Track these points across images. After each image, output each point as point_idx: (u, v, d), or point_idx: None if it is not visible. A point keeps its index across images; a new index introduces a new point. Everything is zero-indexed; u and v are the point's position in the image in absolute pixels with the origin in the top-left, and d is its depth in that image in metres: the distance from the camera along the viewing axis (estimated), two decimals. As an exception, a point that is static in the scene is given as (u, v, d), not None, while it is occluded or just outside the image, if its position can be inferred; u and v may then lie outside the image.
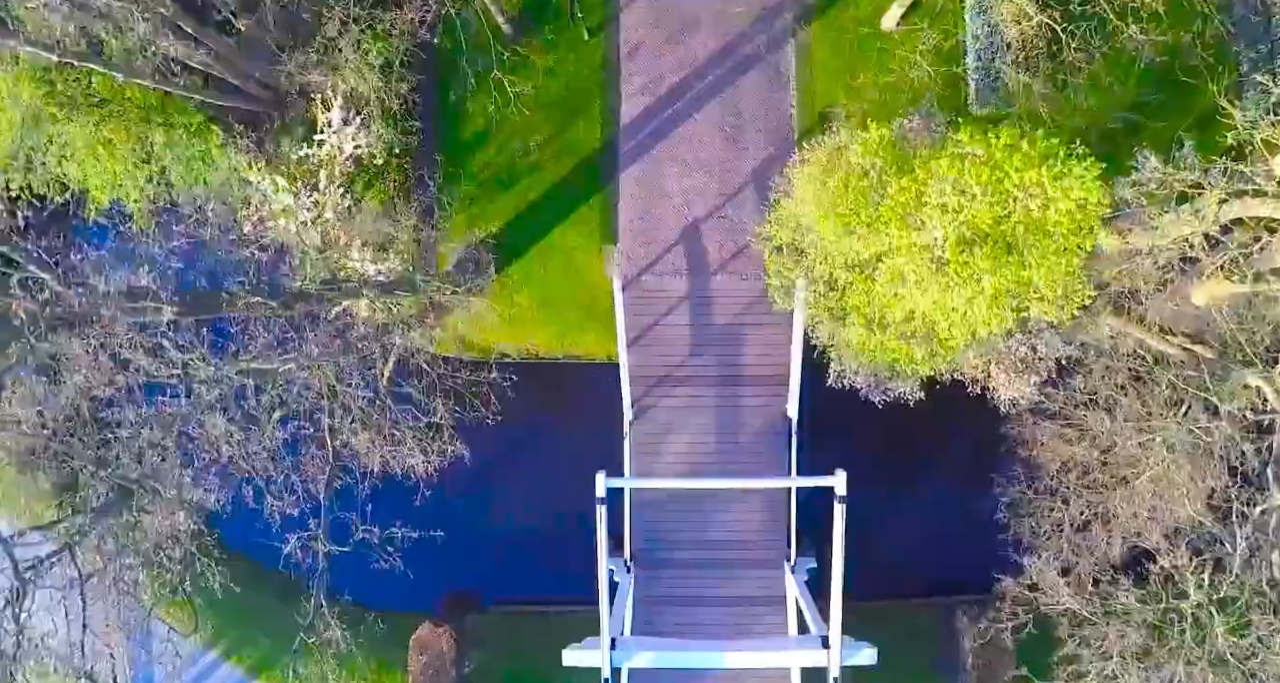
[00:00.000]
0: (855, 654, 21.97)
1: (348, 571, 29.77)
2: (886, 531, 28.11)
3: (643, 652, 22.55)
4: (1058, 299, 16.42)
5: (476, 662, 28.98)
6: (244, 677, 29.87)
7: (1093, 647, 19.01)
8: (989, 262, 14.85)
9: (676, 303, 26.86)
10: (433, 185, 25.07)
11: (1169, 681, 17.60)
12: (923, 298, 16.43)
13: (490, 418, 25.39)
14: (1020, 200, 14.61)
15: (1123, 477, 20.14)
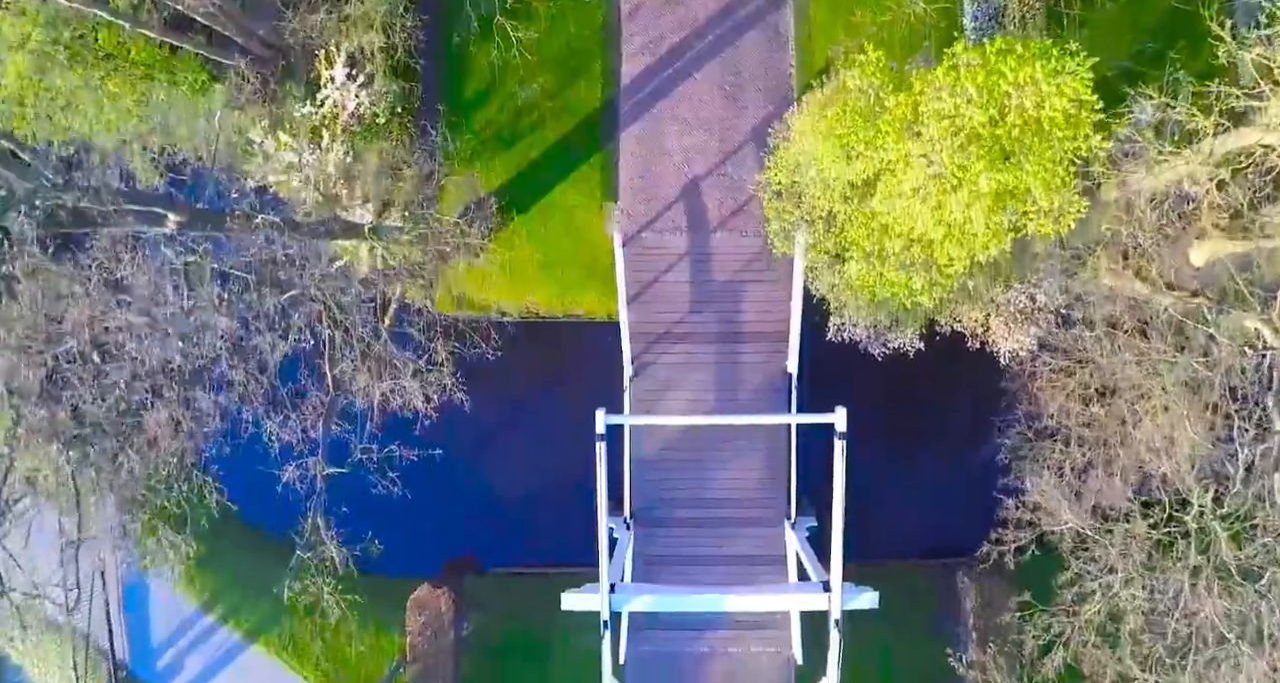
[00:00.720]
0: (856, 598, 21.82)
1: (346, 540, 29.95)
2: (886, 490, 28.06)
3: (642, 596, 22.42)
4: (1053, 211, 16.51)
5: (475, 624, 28.83)
6: (242, 641, 29.67)
7: (1098, 562, 18.84)
8: (985, 161, 14.96)
9: (676, 260, 26.97)
10: (435, 134, 25.21)
11: (1174, 595, 17.49)
12: (921, 208, 16.52)
13: (490, 353, 25.38)
14: (1015, 99, 14.75)
15: (1122, 416, 20.11)
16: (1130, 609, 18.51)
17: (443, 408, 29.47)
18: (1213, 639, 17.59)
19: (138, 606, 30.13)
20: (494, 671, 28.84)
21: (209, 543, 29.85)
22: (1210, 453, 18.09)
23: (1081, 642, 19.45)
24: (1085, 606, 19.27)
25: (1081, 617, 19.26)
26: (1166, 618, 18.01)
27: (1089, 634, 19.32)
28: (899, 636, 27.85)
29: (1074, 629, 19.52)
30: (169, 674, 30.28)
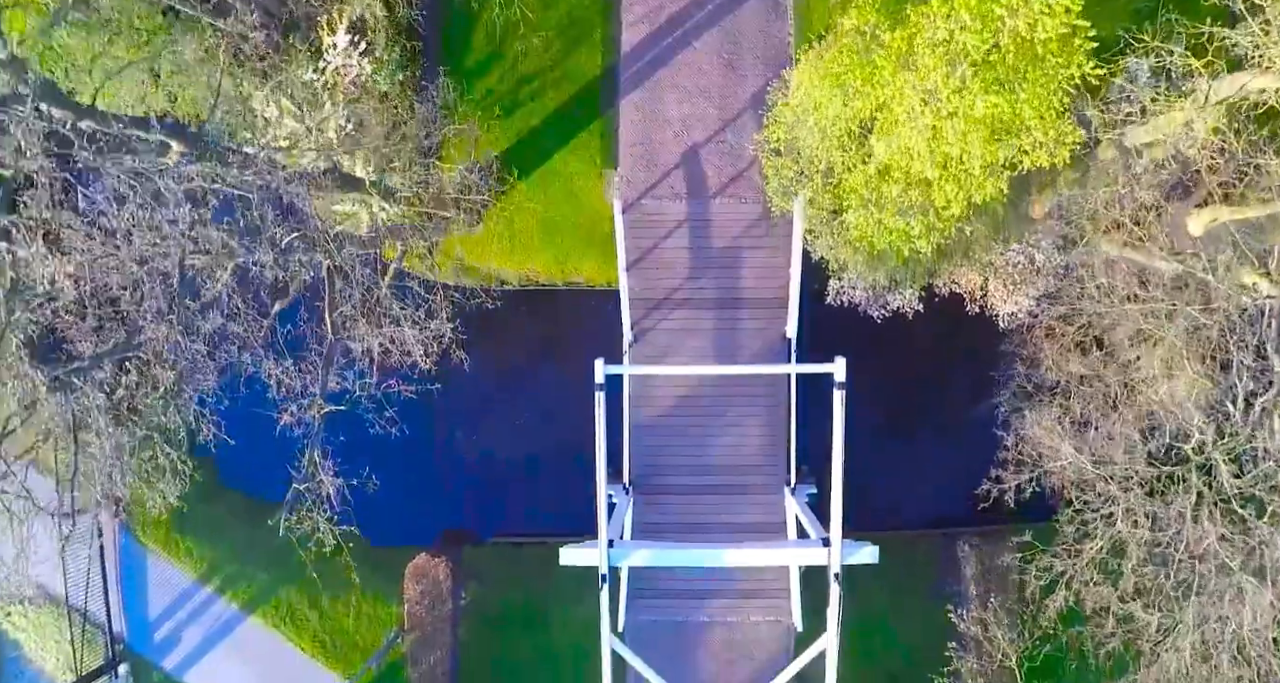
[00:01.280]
0: (856, 552, 21.71)
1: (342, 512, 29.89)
2: (885, 459, 28.00)
3: (640, 550, 22.34)
4: (1049, 142, 16.61)
5: (473, 593, 28.69)
6: (239, 612, 29.53)
7: (1099, 495, 18.72)
8: (980, 83, 15.07)
9: (676, 226, 27.08)
10: (436, 100, 25.35)
11: (1175, 519, 17.37)
12: (918, 141, 16.62)
13: (491, 303, 25.38)
14: (1008, 24, 14.88)
15: (1123, 361, 20.11)
16: (1132, 541, 18.41)
17: (441, 377, 29.68)
18: (1215, 572, 17.51)
19: (135, 579, 30.01)
20: (493, 640, 28.69)
21: (207, 513, 29.97)
22: (1209, 390, 18.07)
23: (1083, 581, 19.34)
24: (1087, 544, 19.17)
25: (1083, 557, 19.16)
26: (1169, 550, 17.91)
27: (1091, 572, 19.21)
28: (899, 604, 27.76)
29: (1076, 569, 19.43)
30: (166, 647, 30.12)
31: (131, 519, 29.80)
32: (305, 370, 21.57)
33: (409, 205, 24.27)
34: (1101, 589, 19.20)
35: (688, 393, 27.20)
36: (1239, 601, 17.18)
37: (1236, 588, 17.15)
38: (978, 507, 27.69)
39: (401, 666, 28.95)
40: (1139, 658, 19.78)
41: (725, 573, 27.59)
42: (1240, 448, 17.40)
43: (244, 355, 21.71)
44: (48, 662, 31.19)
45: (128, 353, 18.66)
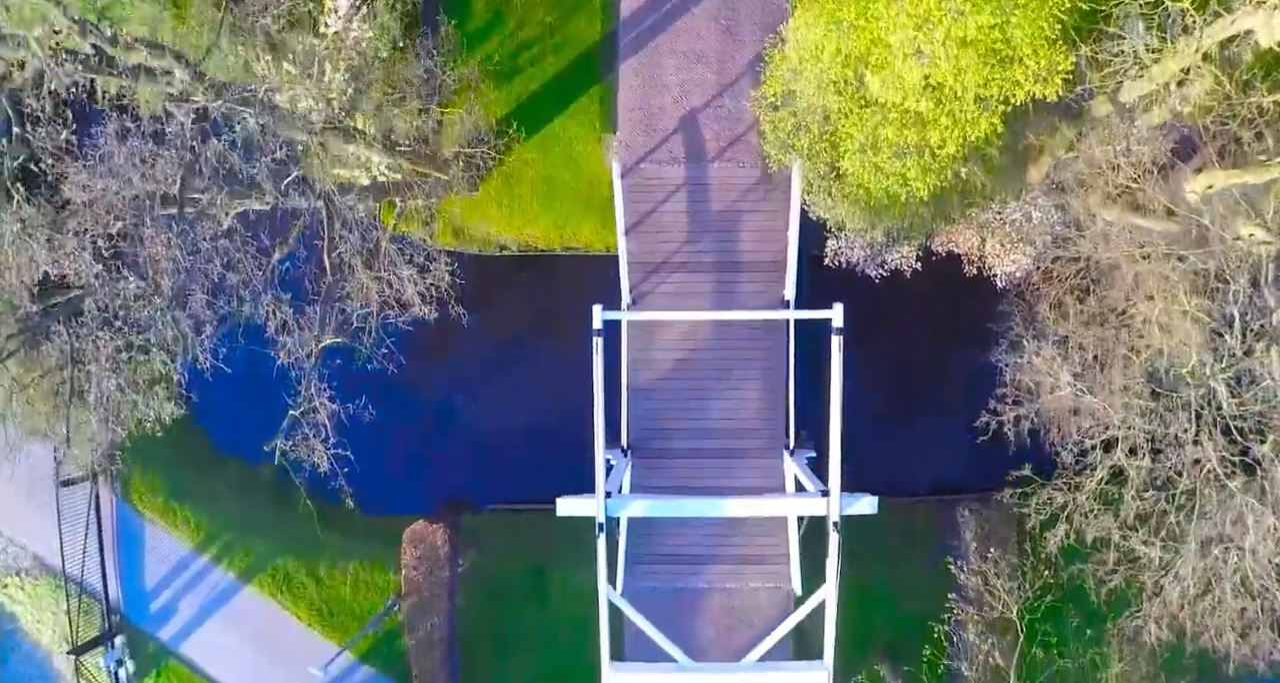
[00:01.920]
0: (855, 503, 21.64)
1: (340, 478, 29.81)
2: (883, 427, 27.92)
3: (638, 501, 22.28)
4: (1041, 71, 16.70)
5: (471, 560, 28.60)
6: (236, 581, 29.43)
7: (1098, 421, 18.61)
8: (970, 3, 15.19)
9: (674, 190, 27.16)
10: (437, 64, 25.50)
11: (1176, 456, 17.29)
12: (911, 72, 16.72)
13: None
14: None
15: (1121, 309, 20.09)
16: (1131, 467, 18.27)
17: (439, 345, 29.70)
18: (1216, 495, 17.39)
19: (131, 548, 29.94)
20: (491, 607, 28.56)
21: (204, 482, 29.96)
22: (1206, 322, 18.04)
23: (1084, 512, 19.20)
24: (1086, 476, 19.06)
25: (1084, 490, 19.04)
26: (1170, 472, 17.75)
27: (1091, 504, 19.06)
28: (898, 571, 27.60)
29: (1076, 502, 19.29)
30: (162, 617, 30.03)
31: (128, 487, 29.75)
32: (305, 316, 21.50)
33: (410, 162, 24.32)
34: (1102, 520, 19.04)
35: (686, 357, 27.20)
36: (1240, 524, 17.06)
37: (1237, 511, 17.03)
38: (976, 463, 27.82)
39: (399, 634, 28.82)
40: (1141, 594, 19.63)
41: (724, 539, 27.50)
42: (1238, 366, 17.30)
43: (243, 307, 21.69)
44: (44, 635, 31.09)
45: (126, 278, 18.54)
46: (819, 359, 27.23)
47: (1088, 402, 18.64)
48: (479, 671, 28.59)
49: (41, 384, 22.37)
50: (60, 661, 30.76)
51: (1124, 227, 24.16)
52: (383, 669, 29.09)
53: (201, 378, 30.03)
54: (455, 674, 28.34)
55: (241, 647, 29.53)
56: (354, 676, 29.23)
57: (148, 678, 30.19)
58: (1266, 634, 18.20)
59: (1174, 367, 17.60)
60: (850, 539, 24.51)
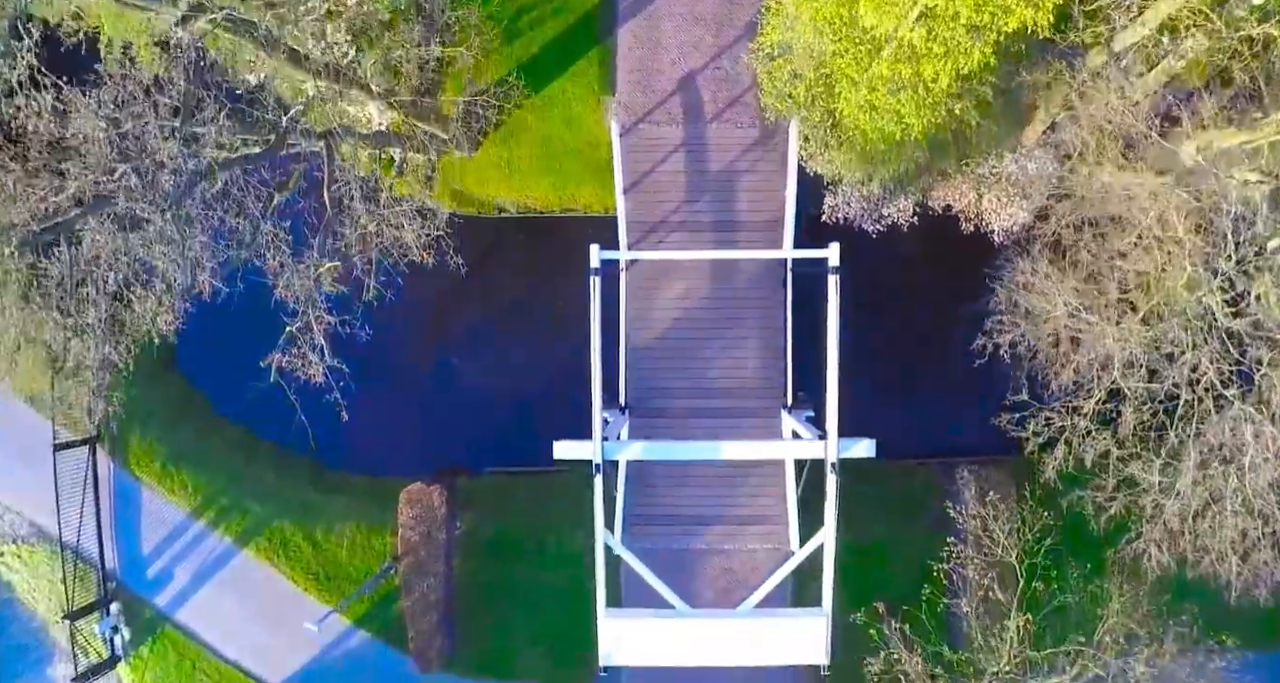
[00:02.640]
0: (853, 446, 21.54)
1: (338, 441, 29.76)
2: (882, 390, 27.87)
3: (635, 444, 22.22)
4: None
5: (468, 524, 28.49)
6: (232, 545, 29.29)
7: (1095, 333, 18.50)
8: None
9: (673, 151, 27.31)
10: (437, 27, 25.68)
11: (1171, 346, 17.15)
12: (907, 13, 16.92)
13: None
14: None
15: (1119, 250, 20.12)
16: (1127, 387, 18.18)
17: (437, 310, 29.78)
18: (1214, 404, 17.27)
19: (128, 514, 29.84)
20: (487, 570, 28.43)
21: (202, 446, 29.91)
22: (1201, 249, 18.06)
23: (1082, 434, 19.08)
24: (1083, 398, 18.96)
25: (1082, 412, 18.94)
26: (1168, 384, 17.65)
27: (1090, 424, 18.95)
28: (897, 534, 27.46)
29: (1073, 425, 19.19)
30: (158, 584, 29.89)
31: (126, 452, 29.68)
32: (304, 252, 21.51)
33: (411, 115, 24.44)
34: (1100, 439, 18.91)
35: (684, 316, 27.23)
36: (1239, 436, 16.94)
37: (1236, 422, 16.93)
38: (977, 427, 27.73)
39: (395, 598, 28.65)
40: (1140, 520, 19.49)
41: (722, 499, 27.39)
42: (1233, 272, 17.28)
43: (242, 250, 21.77)
44: (40, 604, 30.93)
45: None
46: (816, 323, 27.40)
47: (1083, 319, 18.58)
48: (475, 633, 28.42)
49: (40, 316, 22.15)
50: (57, 631, 30.58)
51: (1122, 185, 24.30)
52: (379, 634, 28.91)
53: (200, 347, 30.40)
54: (451, 636, 28.16)
55: (237, 612, 29.37)
56: (350, 640, 29.05)
57: (143, 645, 29.99)
58: (1268, 554, 18.05)
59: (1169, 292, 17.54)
60: (850, 503, 24.40)
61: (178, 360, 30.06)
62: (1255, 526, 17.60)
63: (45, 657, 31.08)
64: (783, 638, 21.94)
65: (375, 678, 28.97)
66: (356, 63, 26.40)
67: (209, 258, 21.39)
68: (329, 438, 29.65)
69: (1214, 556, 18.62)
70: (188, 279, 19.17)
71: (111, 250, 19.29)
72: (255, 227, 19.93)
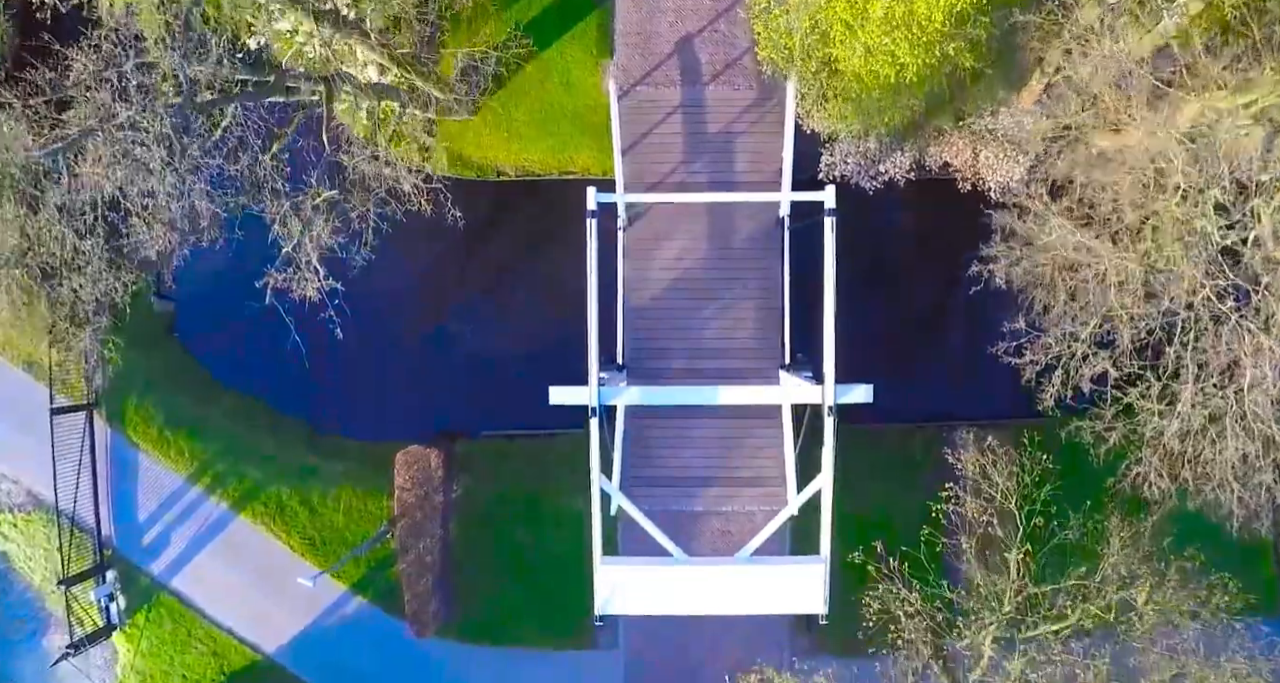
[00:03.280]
0: (851, 391, 21.47)
1: (334, 406, 29.73)
2: (880, 351, 27.78)
3: (631, 389, 22.15)
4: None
5: (464, 487, 28.35)
6: (228, 511, 29.16)
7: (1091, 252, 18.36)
8: None
9: (670, 112, 27.42)
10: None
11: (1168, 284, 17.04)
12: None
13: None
14: None
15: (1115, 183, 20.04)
16: (1121, 305, 18.02)
17: (433, 274, 29.76)
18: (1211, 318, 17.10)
19: (125, 481, 29.73)
20: (484, 533, 28.28)
21: (200, 412, 29.84)
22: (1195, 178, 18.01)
23: (1080, 356, 18.88)
24: (1080, 326, 18.80)
25: (1079, 338, 18.77)
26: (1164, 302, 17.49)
27: (1087, 348, 18.76)
28: (896, 498, 27.22)
29: (1071, 349, 19.01)
30: (154, 551, 29.73)
31: (123, 417, 29.61)
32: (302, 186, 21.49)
33: (417, 75, 24.48)
34: (1098, 360, 18.71)
35: (682, 276, 27.24)
36: (1238, 348, 16.75)
37: (1234, 336, 16.78)
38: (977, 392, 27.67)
39: (391, 563, 28.48)
40: (1140, 444, 19.29)
41: (721, 460, 27.33)
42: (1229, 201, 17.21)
43: (240, 197, 21.81)
44: (36, 574, 30.77)
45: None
46: (814, 286, 27.42)
47: (1079, 242, 18.49)
48: (471, 599, 28.23)
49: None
50: (53, 601, 30.39)
51: (1118, 148, 24.31)
52: (375, 600, 28.71)
53: (198, 313, 30.43)
54: (447, 602, 27.96)
55: (233, 579, 29.20)
56: (346, 606, 28.86)
57: (139, 613, 29.82)
58: (1269, 476, 17.84)
59: (1164, 214, 17.45)
60: (849, 467, 24.34)
61: (176, 327, 30.06)
62: (1255, 448, 17.42)
63: (40, 628, 30.89)
64: (780, 587, 21.80)
65: (371, 644, 28.75)
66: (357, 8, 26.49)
67: (208, 205, 21.39)
68: (325, 404, 29.87)
69: (1215, 482, 18.43)
70: (187, 204, 19.06)
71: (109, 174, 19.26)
72: (254, 158, 19.85)
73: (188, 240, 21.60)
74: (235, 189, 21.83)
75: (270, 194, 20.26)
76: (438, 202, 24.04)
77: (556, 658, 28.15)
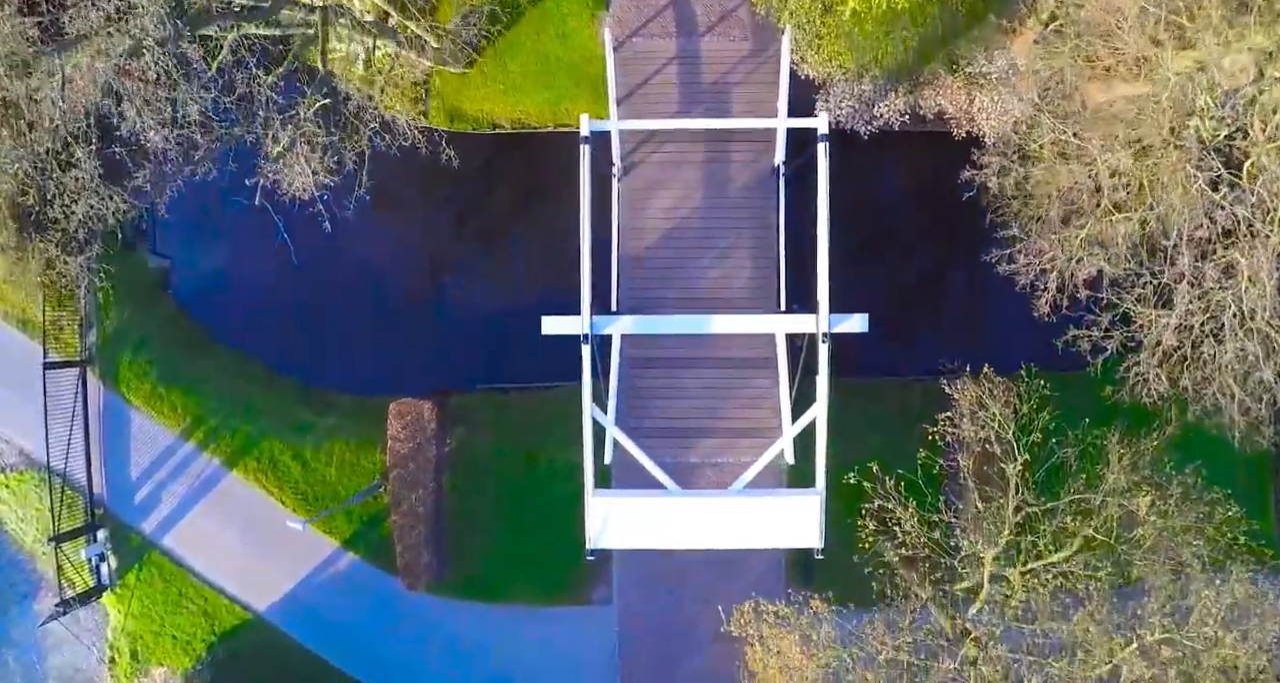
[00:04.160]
0: (846, 320, 21.26)
1: (328, 362, 29.54)
2: (874, 298, 27.54)
3: (625, 318, 21.95)
4: None
5: (457, 440, 28.10)
6: (221, 467, 28.92)
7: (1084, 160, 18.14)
8: None
9: (666, 63, 27.40)
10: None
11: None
12: None
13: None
14: None
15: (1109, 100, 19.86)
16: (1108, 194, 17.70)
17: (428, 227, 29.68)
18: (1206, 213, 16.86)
19: (117, 437, 29.52)
20: (477, 486, 27.99)
21: (194, 368, 29.67)
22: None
23: (1075, 260, 18.63)
24: (1074, 228, 18.53)
25: (1075, 238, 18.51)
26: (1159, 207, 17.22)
27: (1083, 249, 18.52)
28: (893, 448, 26.82)
29: (1065, 248, 18.71)
30: (146, 509, 29.48)
31: (116, 374, 29.43)
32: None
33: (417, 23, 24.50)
34: (1092, 258, 18.44)
35: (677, 225, 27.11)
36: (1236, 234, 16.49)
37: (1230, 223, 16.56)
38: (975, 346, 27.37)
39: (383, 519, 28.20)
40: (1138, 350, 19.00)
41: (716, 411, 27.06)
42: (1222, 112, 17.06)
43: (236, 129, 21.77)
44: (28, 536, 30.50)
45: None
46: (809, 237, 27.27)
47: (1072, 143, 18.30)
48: (465, 551, 27.90)
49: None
50: (44, 563, 30.07)
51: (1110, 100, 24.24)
52: (367, 556, 28.38)
53: (192, 270, 30.33)
54: (440, 554, 27.63)
55: (225, 537, 28.92)
56: (338, 562, 28.54)
57: (129, 573, 29.50)
58: (1268, 374, 17.46)
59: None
60: (849, 420, 24.09)
61: (170, 284, 29.95)
62: (1254, 347, 17.12)
63: (32, 591, 30.57)
64: (775, 520, 21.52)
65: (364, 603, 28.40)
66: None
67: (203, 136, 21.38)
68: (319, 360, 29.68)
69: (1216, 387, 18.11)
70: (177, 110, 18.85)
71: (100, 86, 19.21)
72: (250, 86, 19.79)
73: (181, 171, 21.48)
74: (230, 121, 21.77)
75: (264, 120, 20.14)
76: (431, 139, 23.93)
77: (551, 614, 27.80)
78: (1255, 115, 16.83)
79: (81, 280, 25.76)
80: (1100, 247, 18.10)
